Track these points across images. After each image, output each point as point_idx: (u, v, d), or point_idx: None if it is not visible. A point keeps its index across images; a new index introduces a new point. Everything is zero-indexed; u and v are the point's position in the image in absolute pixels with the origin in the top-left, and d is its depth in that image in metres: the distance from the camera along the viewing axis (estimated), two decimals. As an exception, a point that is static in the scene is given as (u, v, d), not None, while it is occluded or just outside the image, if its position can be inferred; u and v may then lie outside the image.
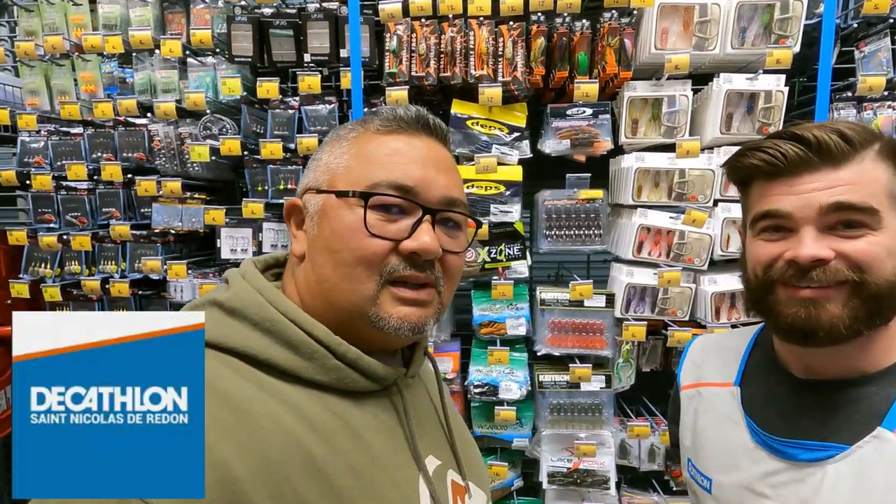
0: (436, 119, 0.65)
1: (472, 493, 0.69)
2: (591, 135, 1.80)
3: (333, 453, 0.54)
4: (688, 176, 1.77)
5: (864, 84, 1.61)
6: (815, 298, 0.68)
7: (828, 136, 0.68)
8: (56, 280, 2.02)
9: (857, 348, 0.71)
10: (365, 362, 0.59)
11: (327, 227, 0.60)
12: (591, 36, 1.79)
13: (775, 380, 0.80)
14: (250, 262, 0.66)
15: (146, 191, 1.90)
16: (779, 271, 0.70)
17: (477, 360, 1.93)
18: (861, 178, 0.67)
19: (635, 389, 2.01)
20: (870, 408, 0.70)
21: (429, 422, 0.70)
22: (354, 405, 0.59)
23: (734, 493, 0.80)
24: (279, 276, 0.69)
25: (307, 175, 0.67)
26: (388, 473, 0.58)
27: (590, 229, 1.87)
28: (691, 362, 0.95)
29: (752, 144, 0.74)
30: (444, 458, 0.68)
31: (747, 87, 1.71)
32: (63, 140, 2.02)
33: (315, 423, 0.54)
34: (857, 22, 1.70)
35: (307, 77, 1.77)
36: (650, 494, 2.01)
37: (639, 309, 1.87)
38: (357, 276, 0.58)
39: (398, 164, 0.60)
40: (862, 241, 0.67)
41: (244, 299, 0.59)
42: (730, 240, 1.79)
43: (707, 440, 0.86)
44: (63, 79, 1.99)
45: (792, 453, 0.73)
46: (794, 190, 0.69)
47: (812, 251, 0.67)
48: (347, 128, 0.66)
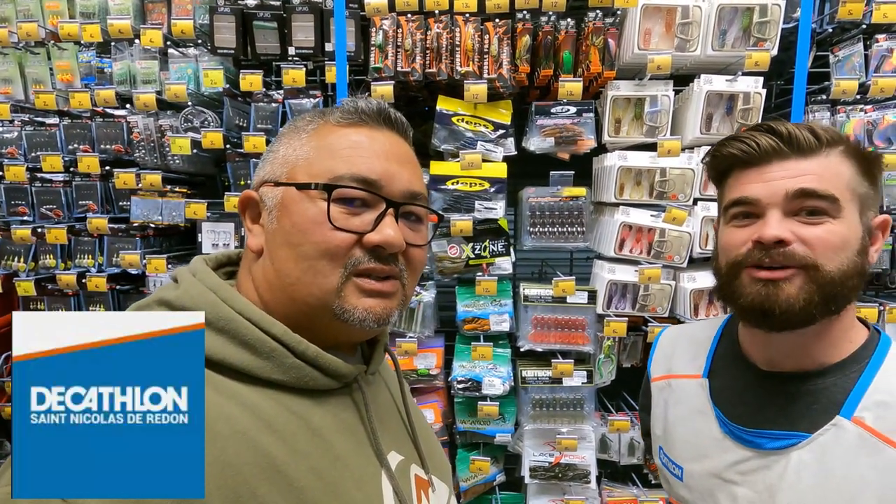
0: (397, 113, 0.65)
1: (436, 487, 0.69)
2: (575, 133, 1.82)
3: (293, 454, 0.53)
4: (669, 175, 1.80)
5: (838, 87, 1.66)
6: (774, 279, 0.72)
7: (799, 131, 0.74)
8: (30, 274, 1.97)
9: (813, 340, 0.75)
10: (325, 360, 0.58)
11: (288, 221, 0.59)
12: (576, 35, 1.81)
13: (741, 372, 0.84)
14: (201, 260, 0.64)
15: (125, 183, 1.86)
16: (745, 255, 0.74)
17: (461, 355, 1.94)
18: (826, 170, 0.72)
19: (616, 385, 2.04)
20: (828, 398, 0.74)
21: (390, 418, 0.70)
22: (314, 404, 0.58)
23: (704, 480, 0.83)
24: (233, 274, 0.67)
25: (263, 167, 0.65)
26: (350, 472, 0.57)
27: (573, 226, 1.89)
28: (661, 354, 0.98)
29: (732, 136, 0.79)
30: (407, 453, 0.68)
31: (727, 88, 1.74)
32: (38, 130, 1.97)
33: (274, 424, 0.53)
34: (832, 27, 1.75)
35: (291, 70, 1.76)
36: (630, 488, 2.04)
37: (620, 305, 1.90)
38: (320, 270, 0.58)
39: (361, 158, 0.60)
40: (820, 228, 0.71)
41: (195, 298, 0.57)
42: (708, 238, 1.83)
43: (678, 431, 0.89)
44: (38, 67, 1.94)
45: (758, 442, 0.77)
46: (764, 178, 0.74)
47: (775, 231, 0.71)
48: (305, 119, 0.65)
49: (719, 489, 0.81)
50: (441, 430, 1.97)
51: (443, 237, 1.89)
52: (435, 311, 1.99)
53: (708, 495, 0.82)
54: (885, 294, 1.94)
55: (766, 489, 0.75)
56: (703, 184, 1.82)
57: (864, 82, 1.70)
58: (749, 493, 0.77)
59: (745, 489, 0.78)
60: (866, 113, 1.74)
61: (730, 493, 0.79)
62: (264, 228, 0.62)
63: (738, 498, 0.78)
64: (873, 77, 1.66)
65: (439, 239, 1.90)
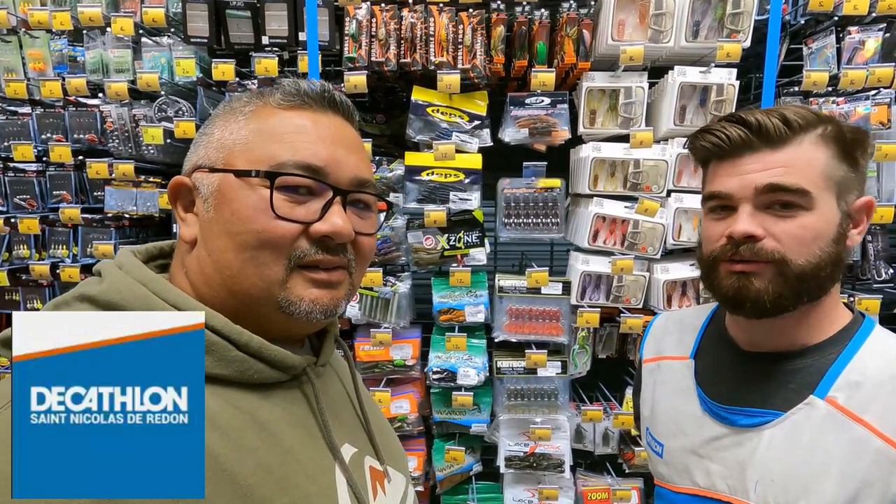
0: (342, 95, 0.63)
1: (391, 477, 0.69)
2: (549, 124, 1.82)
3: (239, 451, 0.51)
4: (642, 166, 1.81)
5: (809, 79, 1.66)
6: (745, 272, 0.73)
7: (769, 119, 0.73)
8: (3, 265, 1.96)
9: (794, 323, 0.76)
10: (270, 351, 0.56)
11: (226, 209, 0.56)
12: (551, 26, 1.80)
13: (724, 352, 0.85)
14: (128, 252, 0.60)
15: (97, 173, 1.85)
16: (720, 249, 0.75)
17: (436, 346, 1.95)
18: (796, 159, 0.72)
19: (592, 376, 2.05)
20: (804, 378, 0.75)
21: (343, 410, 0.68)
22: (261, 398, 0.56)
23: (681, 456, 0.85)
24: (165, 267, 0.64)
25: (196, 151, 0.61)
26: (301, 466, 0.55)
27: (548, 217, 1.89)
28: (653, 338, 1.00)
29: (704, 127, 0.80)
30: (361, 444, 0.66)
31: (700, 80, 1.75)
32: (10, 120, 1.96)
33: (216, 420, 0.51)
34: (804, 18, 1.75)
35: (264, 60, 1.75)
36: (604, 477, 2.06)
37: (594, 296, 1.91)
38: (263, 261, 0.55)
39: (305, 143, 0.57)
40: (791, 223, 0.71)
41: (122, 292, 0.53)
42: (681, 229, 1.84)
43: (662, 409, 0.91)
44: (9, 56, 1.91)
45: (733, 419, 0.79)
46: (736, 171, 0.75)
47: (744, 227, 0.72)
48: (242, 100, 0.61)
49: (695, 465, 0.83)
50: (417, 420, 1.98)
51: (418, 228, 1.89)
52: (411, 302, 1.99)
53: (684, 471, 0.84)
54: (859, 286, 1.96)
55: (738, 465, 0.77)
56: (677, 175, 1.83)
57: (836, 74, 1.71)
58: (721, 468, 0.79)
59: (718, 465, 0.80)
60: (838, 105, 1.75)
61: (704, 469, 0.81)
62: (199, 217, 0.59)
63: (712, 473, 0.80)
64: (844, 69, 1.67)
65: (415, 230, 1.90)
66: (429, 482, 2.06)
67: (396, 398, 1.94)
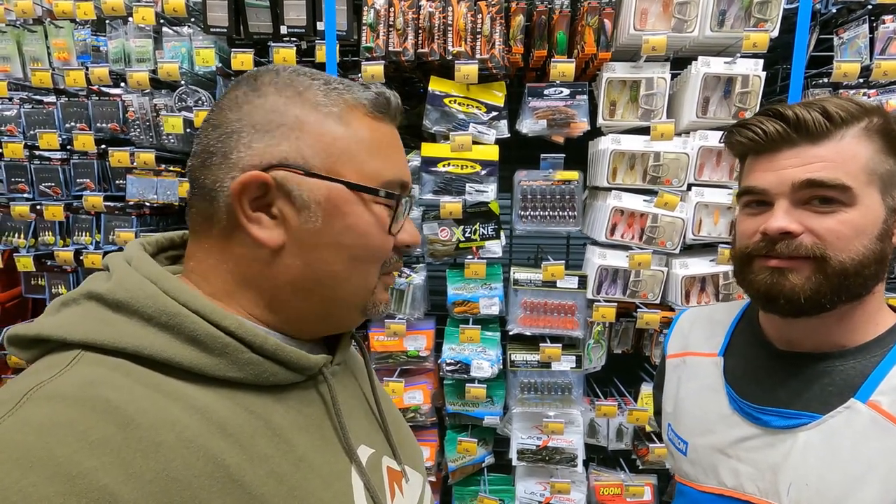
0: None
1: (409, 477, 0.67)
2: (568, 115, 1.80)
3: (251, 460, 0.49)
4: (663, 159, 1.77)
5: (839, 70, 1.61)
6: (780, 268, 0.71)
7: (808, 113, 0.70)
8: (30, 250, 2.01)
9: (834, 323, 0.74)
10: (286, 353, 0.54)
11: (339, 222, 0.55)
12: (571, 15, 1.77)
13: (757, 351, 0.83)
14: (138, 245, 0.57)
15: (119, 162, 1.88)
16: (754, 245, 0.73)
17: (450, 338, 1.95)
18: (837, 155, 0.69)
19: (607, 371, 2.04)
20: (844, 380, 0.73)
21: (359, 409, 0.67)
22: (275, 401, 0.54)
23: (707, 455, 0.83)
24: (176, 259, 0.62)
25: (273, 142, 0.53)
26: (316, 472, 0.54)
27: (564, 210, 1.87)
28: (679, 332, 0.98)
29: (741, 122, 0.77)
30: (378, 444, 0.65)
31: (725, 70, 1.70)
32: (36, 108, 2.00)
33: (228, 427, 0.48)
34: (836, 7, 1.69)
35: (282, 49, 1.75)
36: (617, 472, 2.05)
37: (611, 291, 1.89)
38: (368, 272, 0.59)
39: (399, 160, 0.60)
40: (832, 219, 0.69)
41: (131, 290, 0.50)
42: (702, 224, 1.80)
43: (687, 406, 0.89)
44: (36, 45, 1.95)
45: (766, 420, 0.77)
46: (773, 166, 0.72)
47: (780, 223, 0.70)
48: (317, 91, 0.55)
49: (722, 464, 0.80)
50: (430, 411, 1.99)
51: (433, 220, 1.89)
52: (426, 294, 1.99)
53: (710, 470, 0.82)
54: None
55: (770, 467, 0.75)
56: (699, 168, 1.79)
57: (868, 65, 1.65)
58: (751, 470, 0.77)
59: (748, 466, 0.77)
60: (869, 97, 1.68)
61: (732, 469, 0.79)
62: (287, 223, 0.54)
63: (741, 474, 0.78)
64: (877, 60, 1.61)
65: (430, 222, 1.89)
66: (441, 473, 2.07)
67: (410, 389, 1.95)
